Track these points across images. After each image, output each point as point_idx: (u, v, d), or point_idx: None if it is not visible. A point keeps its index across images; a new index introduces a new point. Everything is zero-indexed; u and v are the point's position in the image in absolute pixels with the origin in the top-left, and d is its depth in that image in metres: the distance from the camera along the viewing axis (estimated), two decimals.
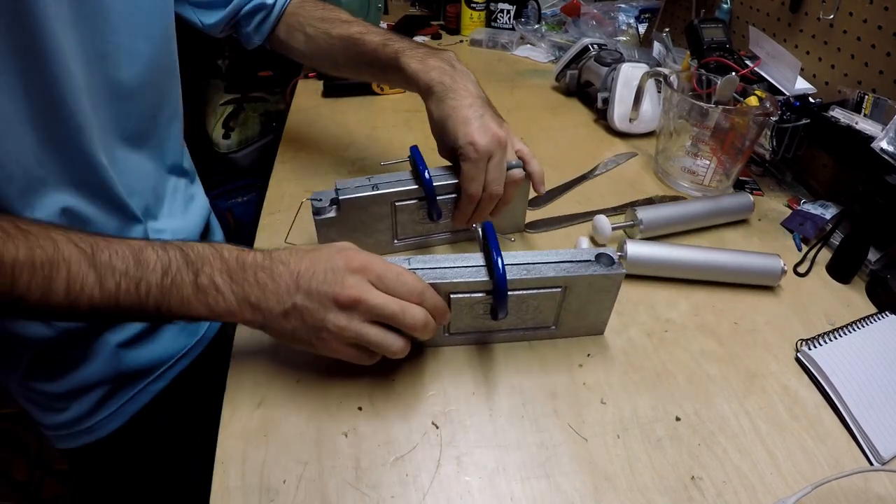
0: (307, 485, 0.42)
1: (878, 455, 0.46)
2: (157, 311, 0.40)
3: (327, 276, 0.42)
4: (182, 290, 0.40)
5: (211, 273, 0.41)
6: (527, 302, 0.50)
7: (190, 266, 0.41)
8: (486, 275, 0.47)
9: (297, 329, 0.42)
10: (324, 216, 0.57)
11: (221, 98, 1.51)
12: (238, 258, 0.42)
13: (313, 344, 0.43)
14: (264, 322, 0.43)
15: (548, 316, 0.52)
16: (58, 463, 1.27)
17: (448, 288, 0.47)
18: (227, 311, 0.42)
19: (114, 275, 0.39)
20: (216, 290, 0.41)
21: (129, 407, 0.62)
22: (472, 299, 0.49)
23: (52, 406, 0.59)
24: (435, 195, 0.58)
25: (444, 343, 0.53)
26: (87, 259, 0.39)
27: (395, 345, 0.44)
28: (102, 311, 0.40)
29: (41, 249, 0.38)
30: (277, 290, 0.42)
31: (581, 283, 0.49)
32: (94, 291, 0.39)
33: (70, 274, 0.38)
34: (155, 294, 0.40)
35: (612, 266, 0.49)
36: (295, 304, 0.42)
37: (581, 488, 0.42)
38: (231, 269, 0.42)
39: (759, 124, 0.72)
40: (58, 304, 0.38)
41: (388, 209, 0.60)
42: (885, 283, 0.61)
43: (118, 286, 0.39)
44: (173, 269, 0.40)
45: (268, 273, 0.42)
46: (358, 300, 0.41)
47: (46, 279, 0.37)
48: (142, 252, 0.40)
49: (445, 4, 1.45)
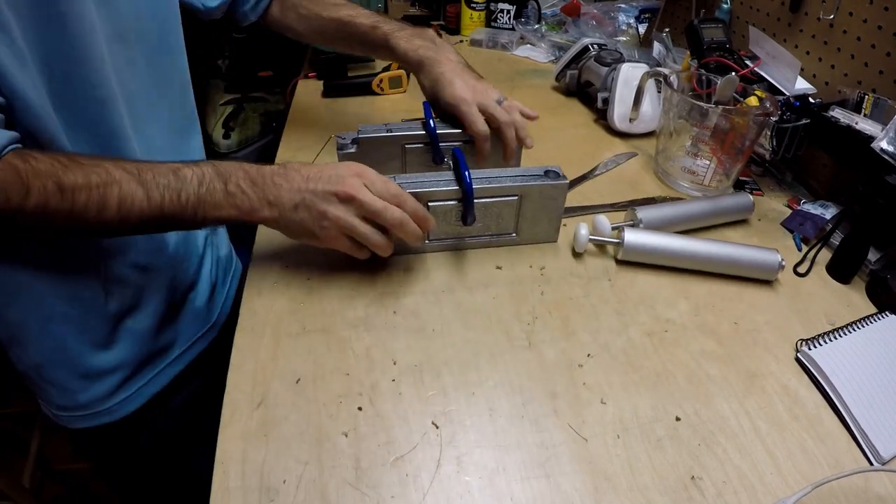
0: (307, 485, 0.42)
1: (878, 455, 0.46)
2: (194, 214, 0.49)
3: (331, 178, 0.52)
4: (215, 196, 0.49)
5: (237, 181, 0.50)
6: (490, 209, 0.62)
7: (220, 177, 0.50)
8: (457, 186, 0.59)
9: (304, 220, 0.51)
10: (345, 151, 0.68)
11: (221, 98, 1.51)
12: (258, 170, 0.52)
13: (317, 234, 0.52)
14: (279, 216, 0.51)
15: (508, 223, 0.64)
16: (58, 463, 1.27)
17: (427, 196, 0.59)
18: (251, 208, 0.51)
19: (158, 188, 0.47)
20: (242, 192, 0.50)
21: (147, 389, 0.67)
22: (446, 206, 0.60)
23: (70, 387, 0.61)
24: (438, 140, 0.68)
25: (426, 249, 0.64)
26: (134, 179, 0.46)
27: (380, 240, 0.54)
28: (150, 221, 0.48)
29: (96, 175, 0.45)
30: (290, 188, 0.51)
31: (533, 192, 0.61)
32: (143, 204, 0.47)
33: (121, 191, 0.46)
34: (193, 201, 0.48)
35: (558, 178, 0.61)
36: (304, 199, 0.51)
37: (581, 488, 0.42)
38: (253, 178, 0.51)
39: (759, 124, 0.72)
40: (111, 218, 0.46)
41: (399, 150, 0.70)
42: (885, 283, 0.61)
43: (163, 198, 0.47)
44: (207, 179, 0.49)
45: (283, 177, 0.52)
46: (353, 196, 0.51)
47: (102, 198, 0.45)
48: (180, 170, 0.49)
49: (445, 4, 1.45)
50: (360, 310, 0.57)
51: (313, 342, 0.53)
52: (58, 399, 0.62)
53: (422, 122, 0.69)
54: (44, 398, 0.64)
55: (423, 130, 0.69)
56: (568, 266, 0.64)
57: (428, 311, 0.57)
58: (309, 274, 0.61)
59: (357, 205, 0.52)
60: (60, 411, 0.63)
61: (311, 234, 0.53)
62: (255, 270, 0.61)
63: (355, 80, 1.05)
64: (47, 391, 0.62)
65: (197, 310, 0.71)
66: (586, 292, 0.60)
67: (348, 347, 0.53)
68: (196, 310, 0.71)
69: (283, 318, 0.55)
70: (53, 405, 0.63)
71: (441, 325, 0.55)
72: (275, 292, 0.58)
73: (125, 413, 0.65)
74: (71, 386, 0.61)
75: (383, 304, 0.57)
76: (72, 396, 0.62)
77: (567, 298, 0.59)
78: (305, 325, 0.55)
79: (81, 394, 0.62)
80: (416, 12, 1.59)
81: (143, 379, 0.66)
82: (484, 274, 0.62)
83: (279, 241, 0.65)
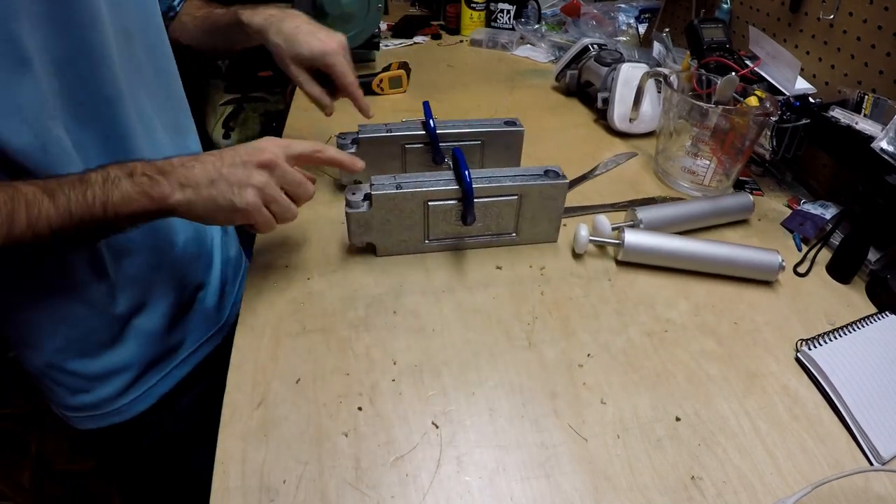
0: (307, 485, 0.42)
1: (878, 455, 0.46)
2: (104, 212, 0.45)
3: (248, 149, 0.50)
4: (121, 187, 0.46)
5: (143, 171, 0.47)
6: (490, 209, 0.61)
7: (124, 169, 0.47)
8: (457, 185, 0.59)
9: (222, 192, 0.48)
10: (345, 151, 0.67)
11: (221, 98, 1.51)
12: (167, 161, 0.49)
13: (236, 205, 0.49)
14: (193, 197, 0.47)
15: (508, 222, 0.63)
16: (58, 463, 1.27)
17: (426, 196, 0.59)
18: (161, 194, 0.47)
19: (63, 192, 0.44)
20: (150, 179, 0.47)
21: (156, 389, 0.67)
22: (446, 206, 0.60)
23: (82, 387, 0.61)
24: (438, 140, 0.68)
25: (426, 249, 0.63)
26: (40, 189, 0.44)
27: (294, 211, 0.53)
28: (63, 230, 0.45)
29: (3, 192, 0.43)
30: (204, 167, 0.48)
31: (533, 192, 0.61)
32: (50, 211, 0.44)
33: (27, 203, 0.43)
34: (101, 198, 0.45)
35: (558, 178, 0.61)
36: (221, 173, 0.48)
37: (581, 488, 0.42)
38: (160, 167, 0.48)
39: (759, 124, 0.72)
40: (22, 233, 0.43)
41: (399, 150, 0.70)
42: (885, 283, 0.61)
43: (69, 199, 0.44)
44: (112, 176, 0.46)
45: (194, 160, 0.49)
46: (275, 163, 0.50)
47: (9, 214, 0.42)
48: (85, 174, 0.46)
49: (445, 4, 1.45)
50: (360, 310, 0.57)
51: (313, 342, 0.53)
52: (67, 400, 0.62)
53: (422, 122, 0.70)
54: (53, 399, 0.64)
55: (423, 130, 0.69)
56: (568, 266, 0.64)
57: (428, 311, 0.57)
58: (309, 274, 0.61)
59: (279, 174, 0.51)
60: (69, 412, 0.63)
61: (228, 210, 0.49)
62: (255, 270, 0.61)
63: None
64: (56, 392, 0.62)
65: (206, 310, 0.72)
66: (586, 292, 0.60)
67: (348, 347, 0.53)
68: (206, 310, 0.71)
69: (283, 318, 0.55)
70: (62, 406, 0.63)
71: (441, 325, 0.55)
72: (275, 292, 0.58)
73: (134, 413, 0.65)
74: (80, 386, 0.61)
75: (383, 304, 0.57)
76: (81, 397, 0.62)
77: (567, 298, 0.59)
78: (305, 325, 0.55)
79: (90, 394, 0.62)
80: (416, 12, 1.59)
81: (152, 379, 0.66)
82: (484, 274, 0.62)
83: (279, 241, 0.65)
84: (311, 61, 0.66)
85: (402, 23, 1.43)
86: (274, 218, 0.52)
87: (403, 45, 1.35)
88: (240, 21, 0.69)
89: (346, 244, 0.65)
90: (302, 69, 0.68)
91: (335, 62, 0.66)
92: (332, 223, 0.68)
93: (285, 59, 0.67)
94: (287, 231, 0.66)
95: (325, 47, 0.66)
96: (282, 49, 0.66)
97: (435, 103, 0.72)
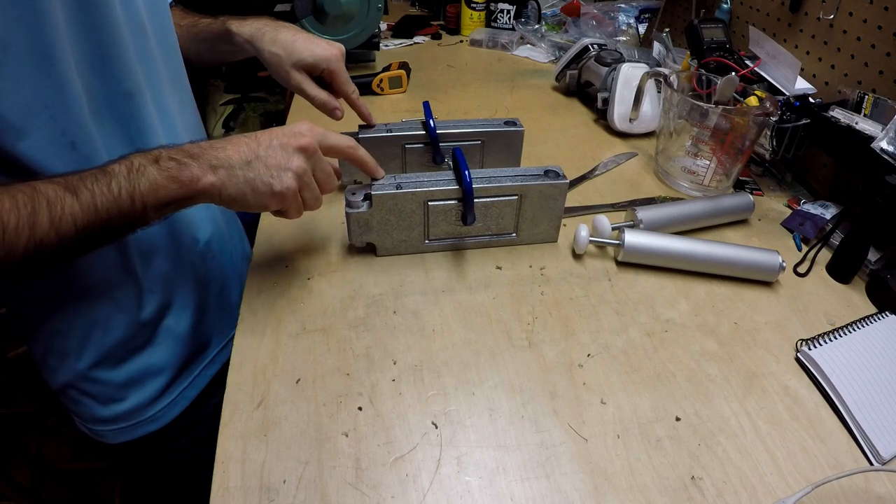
0: (307, 485, 0.42)
1: (878, 455, 0.46)
2: (132, 203, 0.43)
3: (286, 132, 0.49)
4: (148, 175, 0.43)
5: (170, 155, 0.45)
6: (490, 209, 0.61)
7: (148, 157, 0.44)
8: (457, 185, 0.59)
9: (259, 175, 0.47)
10: None
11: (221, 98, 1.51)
12: (196, 145, 0.46)
13: (273, 189, 0.47)
14: (225, 179, 0.46)
15: (509, 223, 0.63)
16: (58, 463, 1.27)
17: (426, 196, 0.59)
18: (191, 176, 0.44)
19: (86, 186, 0.42)
20: (178, 163, 0.44)
21: (189, 391, 0.67)
22: (446, 206, 0.60)
23: (114, 395, 0.61)
24: (437, 140, 0.68)
25: (426, 249, 0.63)
26: (61, 186, 0.41)
27: (321, 201, 0.52)
28: (88, 228, 0.42)
29: (21, 193, 0.40)
30: (238, 150, 0.47)
31: (533, 192, 0.61)
32: (75, 207, 0.41)
33: (49, 201, 0.40)
34: (126, 189, 0.42)
35: (558, 178, 0.61)
36: (258, 155, 0.47)
37: (581, 488, 0.42)
38: (188, 151, 0.46)
39: (759, 124, 0.72)
40: (45, 234, 0.40)
41: (399, 150, 0.70)
42: (885, 283, 0.61)
43: (93, 194, 0.41)
44: (136, 164, 0.44)
45: (225, 142, 0.47)
46: (314, 149, 0.49)
47: (31, 215, 0.39)
48: (107, 165, 0.44)
49: (445, 4, 1.45)
50: (360, 310, 0.57)
51: (313, 342, 0.53)
52: (98, 412, 0.61)
53: (422, 122, 0.70)
54: (80, 414, 0.62)
55: (423, 130, 0.70)
56: (568, 266, 0.64)
57: (428, 311, 0.57)
58: (309, 274, 0.61)
59: (315, 161, 0.50)
60: (100, 425, 0.62)
61: (266, 194, 0.47)
62: (255, 270, 0.61)
63: (355, 80, 1.04)
64: (87, 405, 0.61)
65: (233, 307, 0.71)
66: (586, 292, 0.60)
67: (348, 347, 0.53)
68: (232, 307, 0.71)
69: (283, 318, 0.55)
70: (92, 420, 0.62)
71: (441, 325, 0.55)
72: (275, 292, 0.58)
73: (168, 420, 0.65)
74: (112, 395, 0.61)
75: (383, 304, 0.57)
76: (114, 407, 0.61)
77: (567, 298, 0.59)
78: (305, 325, 0.55)
79: (124, 402, 0.61)
80: (416, 12, 1.59)
81: (184, 381, 0.66)
82: (484, 274, 0.62)
83: (279, 241, 0.65)
84: (313, 67, 0.65)
85: (403, 23, 1.43)
86: (304, 205, 0.51)
87: (403, 45, 1.35)
88: (229, 31, 0.68)
89: (346, 244, 0.65)
90: (304, 76, 0.66)
91: (338, 69, 0.65)
92: (332, 223, 0.68)
93: (285, 67, 0.65)
94: (287, 231, 0.66)
95: (328, 53, 0.65)
96: (281, 58, 0.65)
97: (435, 103, 0.72)
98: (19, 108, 0.44)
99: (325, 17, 1.02)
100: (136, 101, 0.54)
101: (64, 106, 0.47)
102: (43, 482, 1.23)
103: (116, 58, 0.51)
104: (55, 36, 0.45)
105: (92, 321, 0.57)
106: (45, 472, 1.22)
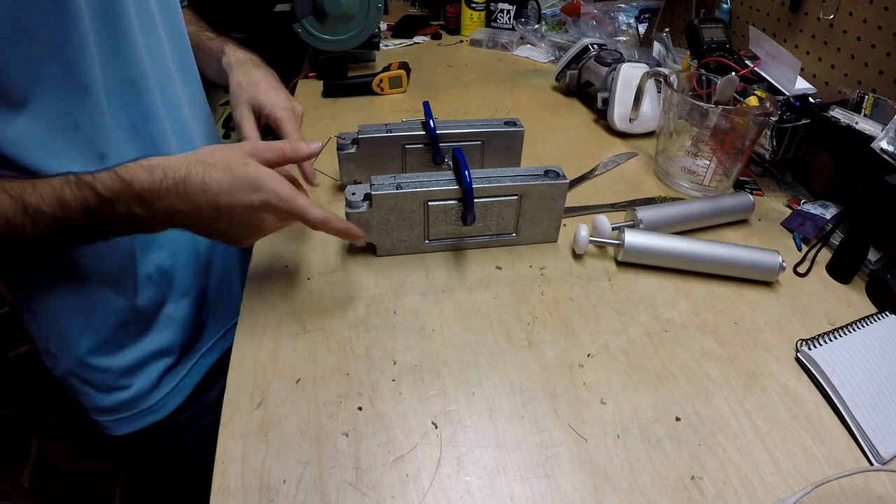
0: (307, 485, 0.42)
1: (878, 455, 0.46)
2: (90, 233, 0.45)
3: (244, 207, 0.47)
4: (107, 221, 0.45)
5: (127, 204, 0.44)
6: (490, 209, 0.61)
7: (106, 204, 0.44)
8: (457, 185, 0.59)
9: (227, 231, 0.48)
10: (345, 151, 0.69)
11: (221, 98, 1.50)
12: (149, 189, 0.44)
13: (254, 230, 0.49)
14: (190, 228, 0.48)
15: (509, 223, 0.63)
16: (58, 463, 1.27)
17: (426, 196, 0.59)
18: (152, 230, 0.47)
19: (44, 219, 0.43)
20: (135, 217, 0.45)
21: (188, 380, 0.68)
22: (446, 206, 0.60)
23: (115, 384, 0.62)
24: (438, 140, 0.68)
25: (426, 249, 0.64)
26: (19, 206, 0.42)
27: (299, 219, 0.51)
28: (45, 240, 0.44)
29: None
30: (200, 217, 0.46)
31: (533, 192, 0.61)
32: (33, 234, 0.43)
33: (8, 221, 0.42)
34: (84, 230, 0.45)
35: (558, 178, 0.61)
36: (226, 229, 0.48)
37: (581, 488, 0.42)
38: (146, 202, 0.45)
39: (759, 124, 0.72)
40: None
41: (399, 150, 0.71)
42: (885, 283, 0.61)
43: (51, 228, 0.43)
44: (92, 206, 0.44)
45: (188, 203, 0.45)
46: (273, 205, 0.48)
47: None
48: (62, 193, 0.43)
49: (445, 4, 1.45)
50: (360, 310, 0.57)
51: (313, 342, 0.53)
52: (100, 401, 0.62)
53: (422, 122, 0.70)
54: (86, 403, 0.63)
55: (423, 130, 0.70)
56: (568, 266, 0.64)
57: (428, 311, 0.57)
58: (309, 274, 0.61)
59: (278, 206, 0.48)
60: (104, 416, 0.63)
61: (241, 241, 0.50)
62: (255, 270, 0.61)
63: (355, 80, 1.05)
64: (89, 395, 0.62)
65: (234, 296, 0.73)
66: (586, 292, 0.60)
67: (348, 347, 0.53)
68: (233, 296, 0.73)
69: (283, 318, 0.55)
70: (97, 410, 0.63)
71: (441, 325, 0.55)
72: (275, 292, 0.58)
73: (170, 409, 0.66)
74: (114, 383, 0.62)
75: (383, 304, 0.57)
76: (116, 395, 0.62)
77: (567, 298, 0.59)
78: (305, 325, 0.55)
79: (126, 391, 0.62)
80: (416, 12, 1.59)
81: (184, 368, 0.67)
82: (484, 274, 0.62)
83: (279, 240, 0.65)
84: (259, 107, 0.64)
85: (403, 23, 1.43)
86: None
87: (403, 45, 1.35)
88: (223, 51, 0.70)
89: (346, 244, 0.65)
90: (250, 114, 0.65)
91: (284, 118, 0.63)
92: None
93: (239, 99, 0.65)
94: (287, 231, 0.66)
95: (279, 102, 0.64)
96: (241, 88, 0.65)
97: (435, 103, 0.72)
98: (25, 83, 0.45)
99: (325, 17, 1.02)
100: (141, 89, 0.55)
101: (72, 88, 0.48)
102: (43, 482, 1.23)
103: (125, 46, 0.53)
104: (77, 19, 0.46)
105: (91, 305, 0.58)
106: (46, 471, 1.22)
